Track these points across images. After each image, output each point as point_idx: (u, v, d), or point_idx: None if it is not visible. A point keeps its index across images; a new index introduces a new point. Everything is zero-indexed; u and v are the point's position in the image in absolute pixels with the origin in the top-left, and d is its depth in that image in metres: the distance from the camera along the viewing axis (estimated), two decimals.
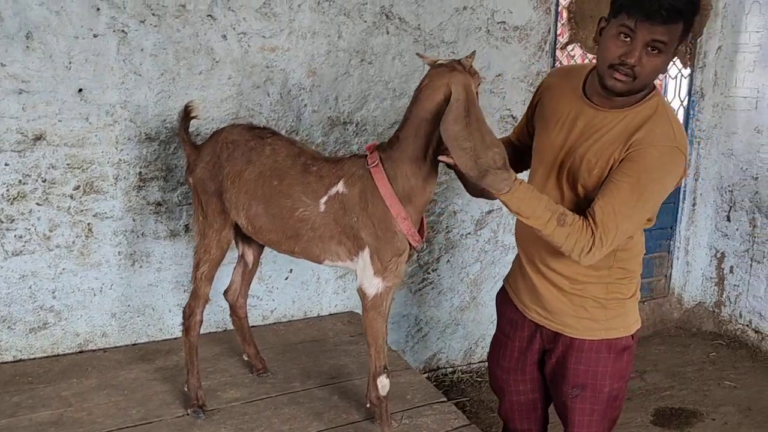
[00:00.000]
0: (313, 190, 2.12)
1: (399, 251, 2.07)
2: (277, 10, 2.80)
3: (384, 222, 2.04)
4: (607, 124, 1.86)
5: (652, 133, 1.80)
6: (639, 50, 1.72)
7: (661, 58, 1.74)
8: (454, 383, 3.60)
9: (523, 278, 2.13)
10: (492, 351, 2.33)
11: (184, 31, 2.66)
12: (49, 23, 2.46)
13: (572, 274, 2.00)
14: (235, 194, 2.23)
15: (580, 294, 2.01)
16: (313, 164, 2.16)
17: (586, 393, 2.07)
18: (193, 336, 2.38)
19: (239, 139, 2.27)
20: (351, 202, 2.07)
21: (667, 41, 1.71)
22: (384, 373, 2.17)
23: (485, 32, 3.27)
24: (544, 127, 2.01)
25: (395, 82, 3.12)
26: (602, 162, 1.85)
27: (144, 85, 2.65)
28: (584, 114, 1.91)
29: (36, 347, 2.72)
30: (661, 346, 4.20)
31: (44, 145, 2.55)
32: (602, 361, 2.04)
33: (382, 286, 2.09)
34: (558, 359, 2.10)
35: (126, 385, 2.52)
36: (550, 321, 2.08)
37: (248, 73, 2.81)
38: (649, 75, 1.76)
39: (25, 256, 2.62)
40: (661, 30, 1.69)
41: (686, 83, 4.22)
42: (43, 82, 2.50)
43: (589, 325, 2.03)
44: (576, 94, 1.94)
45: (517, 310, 2.17)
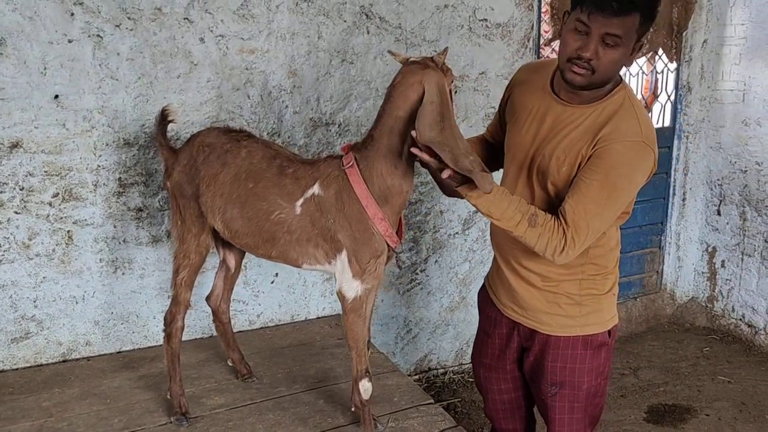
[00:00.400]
0: (288, 192, 2.09)
1: (377, 252, 2.05)
2: (255, 11, 2.77)
3: (360, 223, 2.01)
4: (575, 120, 1.84)
5: (618, 129, 1.78)
6: (594, 43, 1.70)
7: (619, 51, 1.72)
8: (445, 384, 3.57)
9: (499, 276, 2.13)
10: (474, 349, 2.33)
11: (161, 34, 2.63)
12: (23, 29, 2.43)
13: (545, 272, 1.99)
14: (210, 198, 2.19)
15: (554, 291, 2.00)
16: (289, 166, 2.13)
17: (564, 390, 2.05)
18: (174, 343, 2.35)
19: (215, 142, 2.24)
20: (327, 204, 2.05)
21: (621, 34, 1.69)
22: (366, 376, 2.15)
23: (467, 30, 3.25)
24: (515, 123, 2.00)
25: (377, 81, 3.09)
26: (570, 158, 1.83)
27: (121, 90, 2.62)
28: (552, 110, 1.90)
29: (18, 357, 2.68)
30: (654, 342, 4.18)
31: (21, 152, 2.52)
32: (579, 357, 2.03)
33: (361, 289, 2.07)
34: (535, 357, 2.08)
35: (109, 393, 2.49)
36: (526, 318, 2.07)
37: (227, 75, 2.78)
38: (607, 68, 1.74)
39: (5, 266, 2.58)
40: (614, 22, 1.67)
41: (673, 77, 4.19)
42: (17, 88, 2.47)
43: (564, 322, 2.02)
44: (545, 90, 1.93)
45: (495, 308, 2.17)
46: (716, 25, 4.09)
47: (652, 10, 1.73)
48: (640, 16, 1.69)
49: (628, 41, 1.71)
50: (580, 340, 2.01)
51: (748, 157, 4.04)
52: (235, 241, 2.24)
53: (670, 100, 4.23)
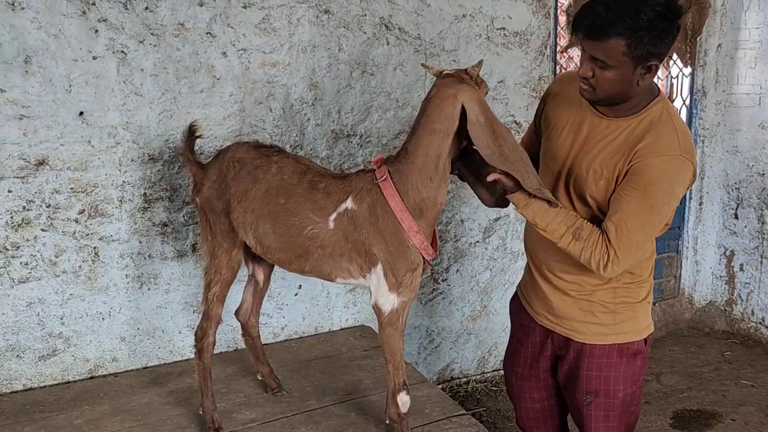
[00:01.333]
0: (321, 207, 2.09)
1: (413, 265, 2.04)
2: (276, 24, 2.78)
3: (396, 236, 2.01)
4: (611, 133, 1.85)
5: (656, 143, 1.79)
6: (586, 64, 1.77)
7: (612, 73, 1.74)
8: (469, 393, 3.56)
9: (533, 285, 2.13)
10: (506, 357, 2.34)
11: (184, 49, 2.64)
12: (48, 47, 2.44)
13: (578, 281, 1.99)
14: (241, 214, 2.19)
15: (588, 299, 2.00)
16: (321, 181, 2.13)
17: (600, 399, 2.05)
18: (206, 358, 2.35)
19: (245, 157, 2.24)
20: (360, 218, 2.04)
21: (604, 58, 1.72)
22: (404, 389, 2.14)
23: (485, 39, 3.26)
24: (550, 134, 2.01)
25: (397, 92, 3.09)
26: (608, 172, 1.84)
27: (145, 106, 2.62)
28: (588, 121, 1.91)
29: (46, 375, 2.68)
30: (675, 347, 4.16)
31: (47, 169, 2.52)
32: (614, 365, 2.02)
33: (397, 302, 2.07)
34: (570, 365, 2.08)
35: (139, 409, 2.48)
36: (560, 326, 2.07)
37: (250, 89, 2.79)
38: (605, 86, 1.77)
39: (32, 283, 2.58)
40: (596, 46, 1.72)
41: (688, 82, 4.19)
42: (43, 106, 2.47)
43: (599, 330, 2.02)
44: (581, 101, 1.93)
45: (528, 316, 2.17)
46: (730, 29, 4.09)
47: (642, 34, 1.68)
48: (624, 41, 1.68)
49: (617, 64, 1.72)
50: (616, 348, 2.01)
51: (766, 160, 4.03)
52: (267, 256, 2.24)
53: (685, 104, 4.23)
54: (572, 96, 1.94)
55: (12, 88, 2.41)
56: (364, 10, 2.93)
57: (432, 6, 3.08)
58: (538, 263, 2.08)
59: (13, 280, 2.55)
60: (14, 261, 2.54)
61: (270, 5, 2.74)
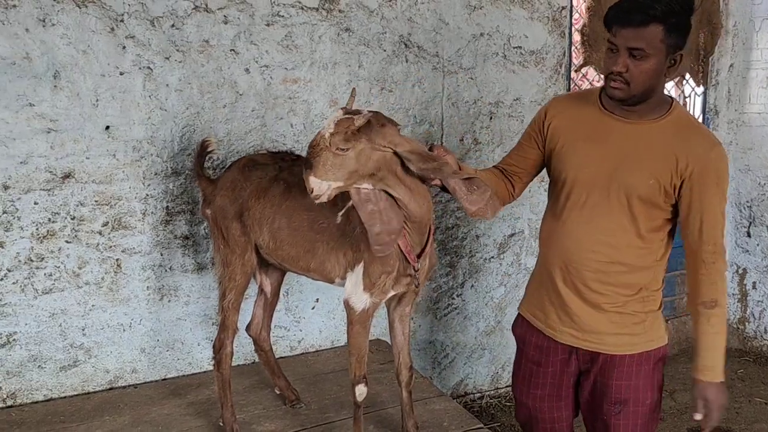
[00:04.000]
0: (333, 203, 2.13)
1: (387, 269, 2.08)
2: (299, 42, 2.83)
3: None
4: (644, 135, 1.92)
5: (704, 140, 1.92)
6: (622, 57, 1.81)
7: (649, 63, 1.81)
8: (483, 409, 3.56)
9: (552, 302, 2.11)
10: (519, 382, 2.27)
11: (208, 65, 2.69)
12: (76, 62, 2.49)
13: (612, 293, 2.01)
14: (260, 210, 2.28)
15: (620, 311, 2.03)
16: None
17: (628, 408, 2.06)
18: (225, 369, 2.38)
19: (264, 161, 2.38)
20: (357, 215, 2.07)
21: (644, 46, 1.78)
22: (362, 381, 2.22)
23: (502, 57, 3.30)
24: (568, 148, 2.03)
25: (415, 109, 3.14)
26: (657, 173, 1.91)
27: (170, 120, 2.67)
28: (613, 128, 1.96)
29: (67, 385, 2.70)
30: (688, 365, 4.13)
31: (73, 182, 2.57)
32: (643, 373, 2.05)
33: (369, 302, 2.12)
34: (596, 378, 2.09)
35: (159, 421, 2.51)
36: (588, 341, 2.07)
37: (271, 104, 2.83)
38: (640, 79, 1.83)
39: (55, 294, 2.62)
40: (635, 35, 1.78)
41: (700, 101, 4.23)
42: (70, 120, 2.52)
43: (629, 341, 2.04)
44: (595, 112, 1.99)
45: (545, 336, 2.15)
46: (742, 49, 4.13)
47: (677, 21, 1.79)
48: (663, 28, 1.78)
49: (655, 52, 1.80)
50: (644, 356, 2.05)
51: None
52: (277, 253, 2.30)
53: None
54: (582, 110, 2.03)
55: (41, 102, 2.46)
56: (384, 28, 2.99)
57: (450, 24, 3.13)
58: (570, 279, 2.05)
59: (37, 291, 2.59)
60: (38, 272, 2.57)
61: (292, 23, 2.79)
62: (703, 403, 1.96)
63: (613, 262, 1.98)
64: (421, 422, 2.47)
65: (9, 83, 2.40)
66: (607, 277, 1.99)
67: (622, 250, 1.97)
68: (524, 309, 2.25)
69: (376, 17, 2.96)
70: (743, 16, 4.10)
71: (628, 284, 2.00)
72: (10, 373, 2.60)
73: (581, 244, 2.00)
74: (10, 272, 2.53)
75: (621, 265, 1.98)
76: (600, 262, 1.98)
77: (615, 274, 1.98)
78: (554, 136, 2.08)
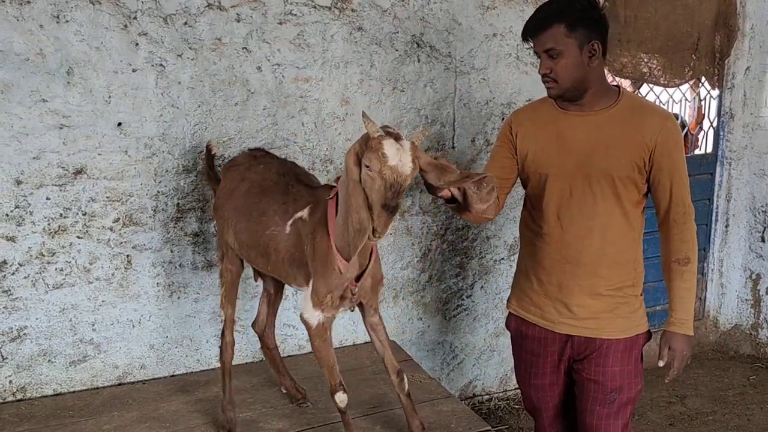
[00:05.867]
0: (285, 211, 2.16)
1: (331, 288, 2.05)
2: (311, 41, 2.83)
3: (324, 256, 2.02)
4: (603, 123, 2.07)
5: (658, 114, 2.10)
6: (544, 61, 2.03)
7: (566, 59, 1.99)
8: (491, 411, 3.55)
9: (549, 296, 2.21)
10: (522, 374, 2.39)
11: (220, 63, 2.70)
12: (90, 59, 2.51)
13: (610, 276, 2.13)
14: (228, 210, 2.33)
15: (615, 294, 2.14)
16: (294, 186, 2.22)
17: (622, 396, 2.16)
18: (225, 357, 2.47)
19: (240, 160, 2.46)
20: (306, 230, 2.09)
21: (553, 45, 1.98)
22: (340, 389, 2.19)
23: (515, 58, 3.29)
24: (540, 151, 2.16)
25: (427, 109, 3.13)
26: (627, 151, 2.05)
27: (181, 118, 2.68)
28: (575, 123, 2.10)
29: (76, 380, 2.72)
30: (699, 370, 4.12)
31: (84, 178, 2.58)
32: (633, 359, 2.18)
33: (322, 317, 2.10)
34: (591, 366, 2.18)
35: (167, 417, 2.51)
36: (584, 328, 2.17)
37: (283, 103, 2.83)
38: (564, 74, 2.01)
39: (66, 289, 2.63)
40: (541, 39, 2.01)
41: (715, 104, 4.19)
42: (83, 116, 2.54)
43: (623, 325, 2.16)
44: (555, 114, 2.14)
45: (541, 328, 2.25)
46: (759, 52, 4.08)
47: (578, 16, 1.97)
48: (564, 25, 1.97)
49: (566, 48, 1.98)
50: (634, 341, 2.17)
51: None
52: (242, 253, 2.33)
53: (712, 126, 4.22)
54: (542, 116, 2.18)
55: (54, 98, 2.48)
56: (397, 28, 2.98)
57: (463, 25, 3.12)
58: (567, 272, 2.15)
59: (48, 286, 2.60)
60: (50, 267, 2.59)
61: (305, 21, 2.80)
62: (669, 351, 2.10)
63: (607, 243, 2.11)
64: (429, 423, 2.46)
65: (23, 79, 2.42)
66: (604, 260, 2.11)
67: (613, 230, 2.11)
68: (516, 307, 2.34)
69: (389, 17, 2.96)
70: (760, 18, 4.05)
71: (621, 262, 2.13)
72: (20, 366, 2.62)
73: (577, 234, 2.12)
74: (21, 266, 2.55)
75: (613, 245, 2.11)
76: (596, 246, 2.11)
77: (610, 255, 2.11)
78: (524, 144, 2.20)
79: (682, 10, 3.72)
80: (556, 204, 2.13)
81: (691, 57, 3.85)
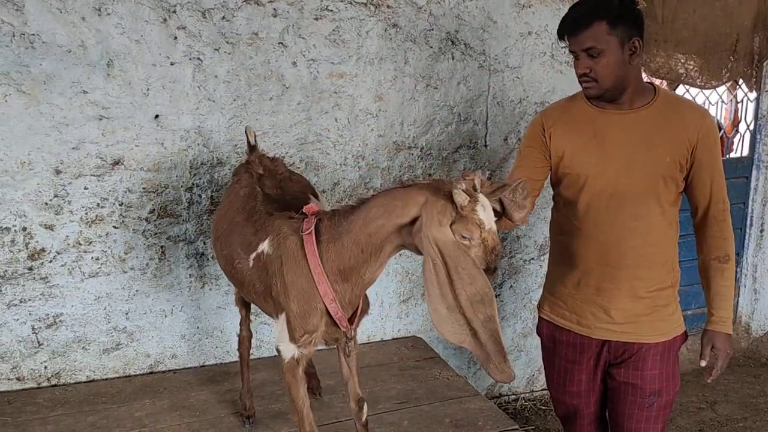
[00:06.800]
0: (247, 243, 1.99)
1: (310, 329, 1.86)
2: (346, 36, 2.84)
3: (304, 295, 1.84)
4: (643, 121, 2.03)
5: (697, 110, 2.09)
6: (583, 60, 1.97)
7: (607, 57, 1.94)
8: (517, 411, 3.54)
9: (586, 301, 2.16)
10: (555, 380, 2.34)
11: (256, 58, 2.72)
12: (129, 51, 2.54)
13: (650, 277, 2.09)
14: (213, 227, 2.28)
15: (655, 297, 2.11)
16: (254, 214, 2.03)
17: (661, 399, 2.13)
18: (242, 348, 2.47)
19: (238, 170, 2.32)
20: (272, 264, 1.90)
21: (595, 44, 1.92)
22: None
23: (549, 57, 3.27)
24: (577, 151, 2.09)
25: (460, 106, 3.12)
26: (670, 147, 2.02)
27: (217, 111, 2.71)
28: (612, 121, 2.05)
29: (109, 367, 2.76)
30: (729, 376, 4.06)
31: (122, 169, 2.62)
32: (671, 361, 2.16)
33: (297, 353, 1.90)
34: (630, 370, 2.14)
35: (197, 406, 2.55)
36: (622, 332, 2.13)
37: (317, 98, 2.85)
38: (605, 73, 1.95)
39: (101, 278, 2.68)
40: (581, 38, 1.94)
41: (752, 107, 4.12)
42: (122, 108, 2.58)
43: (662, 327, 2.13)
44: (591, 110, 2.09)
45: (576, 335, 2.21)
46: None
47: (618, 13, 1.92)
48: (606, 22, 1.91)
49: (608, 46, 1.92)
50: (672, 343, 2.14)
51: None
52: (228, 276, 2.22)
53: (749, 129, 4.16)
54: (575, 116, 2.12)
55: (94, 89, 2.52)
56: (432, 25, 2.98)
57: (498, 23, 3.11)
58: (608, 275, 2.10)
59: (84, 274, 2.65)
60: (86, 256, 2.64)
61: (341, 17, 2.81)
62: (711, 350, 2.08)
63: (647, 244, 2.07)
64: (456, 420, 2.47)
65: (64, 70, 2.47)
66: (645, 261, 2.08)
67: (653, 230, 2.07)
68: (549, 313, 2.30)
69: (424, 14, 2.96)
70: None
71: (661, 263, 2.10)
72: (55, 353, 2.67)
73: (619, 235, 2.07)
74: (59, 254, 2.60)
75: (653, 246, 2.08)
76: (637, 247, 2.06)
77: (651, 256, 2.08)
78: (559, 145, 2.14)
79: (720, 10, 3.66)
80: (596, 205, 2.08)
81: (729, 58, 3.79)
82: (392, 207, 1.71)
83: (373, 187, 3.02)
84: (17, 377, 2.64)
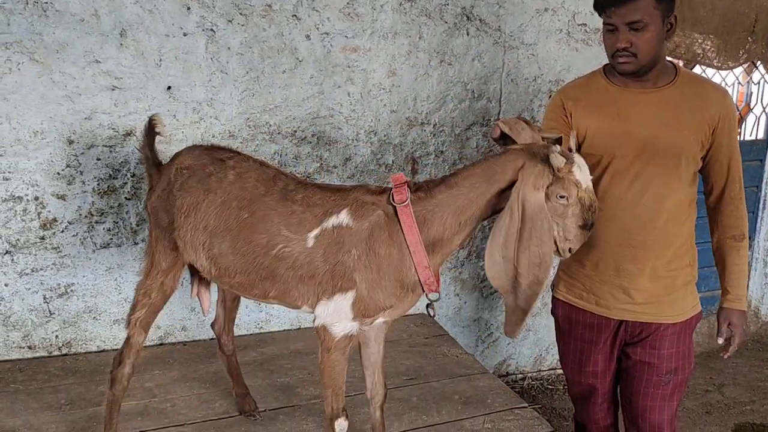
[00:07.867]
0: (298, 221, 1.82)
1: (385, 306, 1.82)
2: (360, 10, 2.81)
3: (394, 269, 1.78)
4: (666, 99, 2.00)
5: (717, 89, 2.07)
6: (623, 34, 1.90)
7: (649, 31, 1.89)
8: (524, 390, 3.54)
9: (605, 281, 2.13)
10: (572, 360, 2.31)
11: (270, 30, 2.70)
12: (142, 21, 2.52)
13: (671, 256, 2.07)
14: (191, 231, 1.93)
15: (674, 276, 2.10)
16: (297, 190, 1.87)
17: (677, 377, 2.14)
18: (117, 390, 2.09)
19: (195, 164, 1.98)
20: (355, 237, 1.78)
21: (641, 17, 1.87)
22: (343, 415, 1.93)
23: (566, 34, 3.23)
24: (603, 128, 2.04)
25: (474, 83, 3.09)
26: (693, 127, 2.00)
27: (229, 83, 2.69)
28: (636, 99, 2.01)
29: (119, 338, 2.75)
30: (738, 360, 4.06)
31: (134, 140, 2.61)
32: (687, 340, 2.15)
33: (355, 329, 1.84)
34: (647, 349, 2.14)
35: (207, 378, 2.56)
36: (642, 312, 2.12)
37: (330, 72, 2.83)
38: (646, 48, 1.91)
39: (112, 249, 2.68)
40: (627, 11, 1.88)
41: None
42: (134, 78, 2.56)
43: (681, 307, 2.13)
44: (612, 88, 2.04)
45: (594, 315, 2.19)
46: None
47: None
48: None
49: (652, 20, 1.88)
50: (689, 323, 2.14)
51: None
52: (223, 280, 1.96)
53: (765, 111, 4.11)
54: (595, 92, 2.08)
55: (107, 59, 2.50)
56: (447, 0, 2.94)
57: None
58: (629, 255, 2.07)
59: (96, 245, 2.66)
60: (98, 227, 2.64)
61: None
62: (728, 327, 2.09)
63: (670, 225, 2.05)
64: (465, 398, 2.48)
65: (77, 39, 2.45)
66: (665, 242, 2.06)
67: (676, 210, 2.05)
68: (566, 294, 2.27)
69: None
70: None
71: (681, 242, 2.08)
72: (66, 322, 2.68)
73: (642, 217, 2.04)
74: (71, 224, 2.60)
75: (676, 226, 2.06)
76: (660, 228, 2.04)
77: (672, 236, 2.06)
78: (581, 124, 2.10)
79: None
80: (618, 185, 2.04)
81: (747, 39, 3.73)
82: (491, 173, 1.74)
83: (385, 163, 3.00)
84: (29, 345, 2.66)
